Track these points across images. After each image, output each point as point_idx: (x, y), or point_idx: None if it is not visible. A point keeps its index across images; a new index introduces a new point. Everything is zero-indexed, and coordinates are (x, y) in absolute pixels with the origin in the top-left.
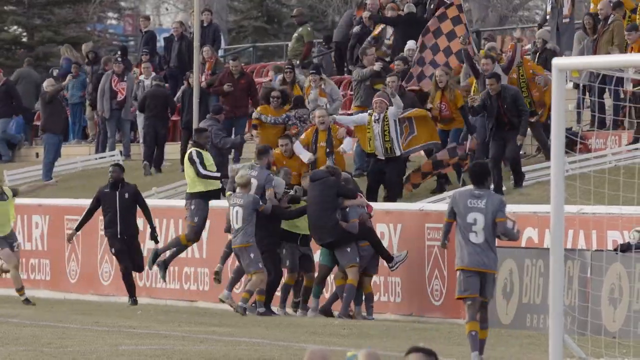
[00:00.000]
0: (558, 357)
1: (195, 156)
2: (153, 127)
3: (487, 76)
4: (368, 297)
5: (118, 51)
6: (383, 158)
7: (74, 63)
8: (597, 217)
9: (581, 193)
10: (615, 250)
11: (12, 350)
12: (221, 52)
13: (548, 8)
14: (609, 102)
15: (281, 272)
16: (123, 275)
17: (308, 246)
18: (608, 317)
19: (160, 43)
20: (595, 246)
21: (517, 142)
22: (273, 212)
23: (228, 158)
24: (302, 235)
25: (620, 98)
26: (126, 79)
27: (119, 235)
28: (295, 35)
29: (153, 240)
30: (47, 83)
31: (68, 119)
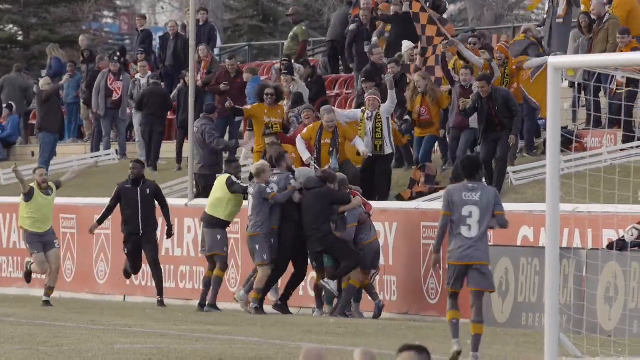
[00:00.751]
0: (554, 356)
1: (235, 180)
2: (150, 126)
3: (478, 79)
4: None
5: (117, 51)
6: (371, 154)
7: (70, 62)
8: (593, 216)
9: (577, 192)
10: (609, 247)
11: (8, 349)
12: (217, 51)
13: (546, 6)
14: (605, 101)
15: (305, 271)
16: (124, 272)
17: None
18: (604, 316)
19: (155, 42)
20: (590, 245)
21: (510, 142)
22: (333, 199)
23: (222, 158)
24: None
25: (614, 97)
26: (122, 78)
27: (141, 232)
28: (290, 34)
29: (167, 236)
30: (44, 82)
31: (64, 118)
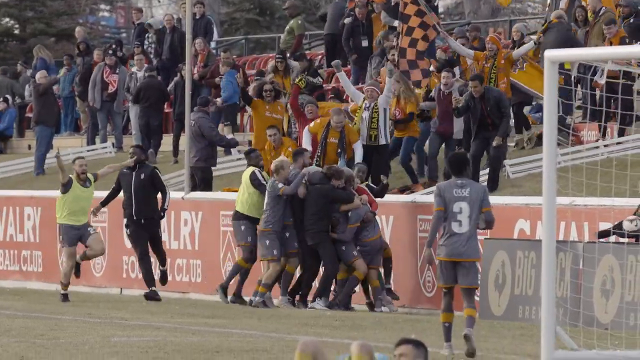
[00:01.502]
0: (550, 349)
1: (260, 177)
2: (147, 118)
3: (471, 78)
4: (375, 290)
5: (114, 44)
6: (365, 143)
7: (67, 55)
8: (589, 209)
9: (573, 185)
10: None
11: (4, 342)
12: (213, 45)
13: (547, 1)
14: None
15: (317, 269)
16: (138, 260)
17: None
18: (600, 309)
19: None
20: (587, 238)
21: (494, 143)
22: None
23: (217, 151)
24: None
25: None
26: (118, 71)
27: (135, 216)
28: (287, 28)
29: (157, 217)
30: (40, 75)
31: (60, 112)
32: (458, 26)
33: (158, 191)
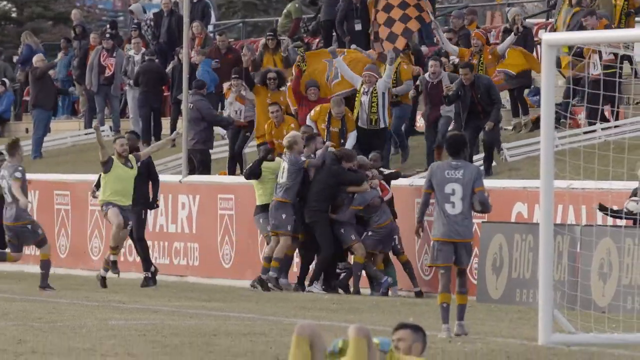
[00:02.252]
0: (547, 332)
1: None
2: (147, 102)
3: (461, 66)
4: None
5: (107, 25)
6: (365, 128)
7: (64, 39)
8: (587, 192)
9: (571, 168)
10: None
11: (2, 325)
12: (211, 28)
13: None
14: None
15: (331, 249)
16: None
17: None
18: (597, 292)
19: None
20: (584, 221)
21: (486, 127)
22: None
23: (214, 134)
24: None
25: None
26: (115, 55)
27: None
28: (284, 11)
29: (150, 207)
30: (37, 58)
31: (57, 95)
32: (456, 9)
33: (150, 180)
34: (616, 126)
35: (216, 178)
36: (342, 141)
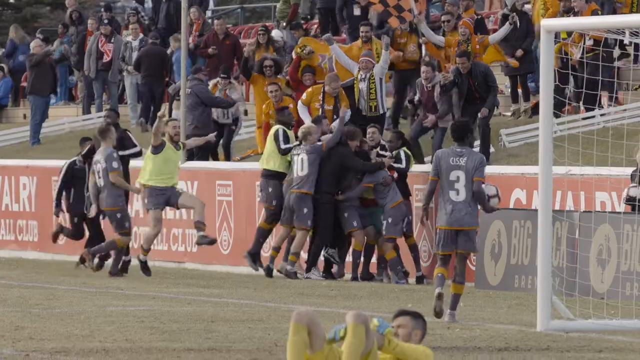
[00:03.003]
0: (546, 318)
1: (281, 135)
2: (149, 86)
3: (458, 55)
4: (392, 262)
5: (102, 9)
6: (365, 114)
7: (62, 24)
8: (586, 179)
9: (569, 154)
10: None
11: (0, 311)
12: (209, 14)
13: None
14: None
15: (329, 237)
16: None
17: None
18: (596, 278)
19: (148, 4)
20: (583, 207)
21: (480, 114)
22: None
23: (211, 117)
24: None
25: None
26: (113, 41)
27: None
28: None
29: None
30: (34, 44)
31: (55, 81)
32: None
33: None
34: (616, 112)
35: (214, 164)
36: (335, 117)
